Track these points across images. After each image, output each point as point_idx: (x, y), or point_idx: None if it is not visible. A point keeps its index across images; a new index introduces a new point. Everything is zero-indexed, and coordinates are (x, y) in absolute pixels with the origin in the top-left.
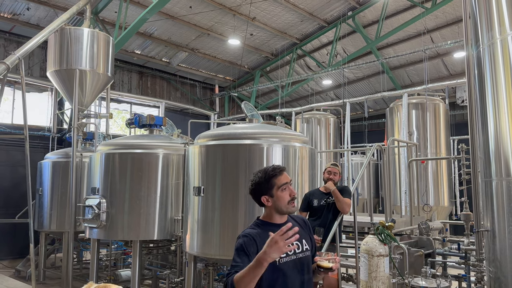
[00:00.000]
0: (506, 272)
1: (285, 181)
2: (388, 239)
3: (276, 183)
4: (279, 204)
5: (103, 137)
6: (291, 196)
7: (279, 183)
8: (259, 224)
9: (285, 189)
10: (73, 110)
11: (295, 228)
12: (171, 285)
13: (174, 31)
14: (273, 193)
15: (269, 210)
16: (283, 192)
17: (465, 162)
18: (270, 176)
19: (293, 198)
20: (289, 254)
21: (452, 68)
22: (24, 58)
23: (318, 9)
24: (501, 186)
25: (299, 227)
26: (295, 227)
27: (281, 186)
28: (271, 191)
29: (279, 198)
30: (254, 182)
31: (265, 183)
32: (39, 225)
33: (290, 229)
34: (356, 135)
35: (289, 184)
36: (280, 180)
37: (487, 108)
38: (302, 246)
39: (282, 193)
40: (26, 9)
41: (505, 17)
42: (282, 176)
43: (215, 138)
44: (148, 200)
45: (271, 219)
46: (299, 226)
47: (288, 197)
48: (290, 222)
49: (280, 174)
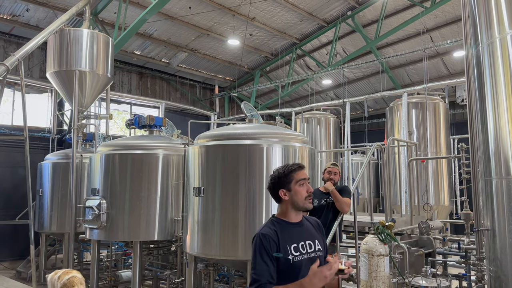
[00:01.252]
0: (507, 271)
1: (303, 177)
2: (388, 238)
3: (295, 178)
4: (296, 198)
5: (103, 138)
6: (308, 192)
7: (298, 177)
8: (274, 222)
9: (303, 185)
10: (73, 111)
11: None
12: (172, 285)
13: (173, 31)
14: (291, 187)
15: (285, 206)
16: (301, 187)
17: (465, 161)
18: (289, 170)
19: (310, 194)
20: (303, 253)
21: (452, 67)
22: (23, 59)
23: (318, 9)
24: (501, 185)
25: (313, 228)
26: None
27: (299, 181)
28: (289, 185)
29: (297, 192)
30: (274, 176)
31: (284, 177)
32: (40, 226)
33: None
34: (356, 135)
35: (307, 181)
36: (299, 175)
37: (487, 107)
38: (314, 246)
39: (300, 188)
40: (25, 10)
41: (504, 16)
42: (301, 172)
43: (215, 139)
44: (148, 200)
45: (287, 216)
46: (313, 227)
47: (305, 193)
48: (305, 222)
49: (299, 170)
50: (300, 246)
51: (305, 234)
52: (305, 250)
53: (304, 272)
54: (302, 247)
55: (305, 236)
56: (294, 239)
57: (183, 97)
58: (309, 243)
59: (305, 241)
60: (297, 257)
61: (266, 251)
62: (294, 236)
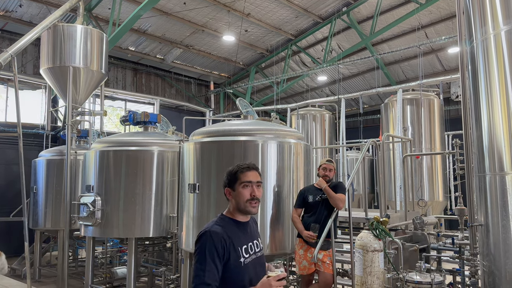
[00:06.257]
0: (500, 266)
1: (249, 179)
2: (383, 234)
3: (240, 178)
4: (238, 200)
5: (97, 134)
6: (251, 196)
7: (243, 179)
8: (224, 220)
9: (247, 187)
10: (67, 107)
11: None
12: (167, 282)
13: (168, 27)
14: (235, 187)
15: (232, 206)
16: (244, 189)
17: (459, 157)
18: (236, 170)
19: (254, 198)
20: (251, 254)
21: (447, 63)
22: (17, 55)
23: (313, 5)
24: (494, 181)
25: (255, 226)
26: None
27: (244, 182)
28: (234, 185)
29: (239, 194)
30: (226, 173)
31: (232, 176)
32: (34, 223)
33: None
34: (351, 131)
35: (256, 185)
36: (245, 177)
37: (481, 103)
38: (259, 245)
39: (243, 190)
40: (18, 6)
41: (498, 12)
42: (249, 173)
43: (210, 135)
44: (143, 197)
45: (234, 215)
46: (255, 225)
47: (247, 196)
48: (251, 222)
49: (247, 171)
50: (249, 247)
51: (252, 234)
52: (253, 251)
53: (252, 274)
54: (250, 248)
55: (252, 236)
56: (243, 240)
57: (178, 93)
58: (256, 242)
59: (253, 241)
60: (247, 259)
61: (217, 251)
62: (243, 237)
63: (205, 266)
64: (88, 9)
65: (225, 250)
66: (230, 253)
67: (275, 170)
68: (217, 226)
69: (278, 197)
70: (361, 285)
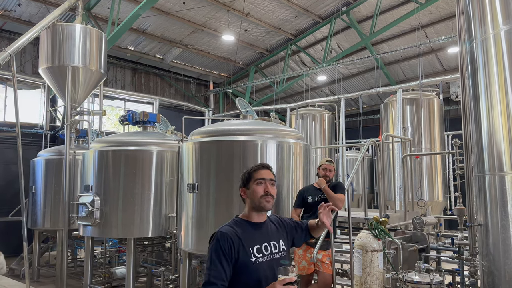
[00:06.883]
0: (499, 266)
1: (262, 176)
2: (382, 234)
3: (253, 176)
4: (253, 197)
5: (96, 134)
6: (265, 192)
7: (256, 176)
8: (237, 222)
9: (261, 184)
10: (65, 107)
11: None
12: (166, 282)
13: (167, 27)
14: (250, 185)
15: (247, 206)
16: (258, 186)
17: (459, 157)
18: (250, 170)
19: (268, 194)
20: (266, 254)
21: (446, 63)
22: (15, 54)
23: (313, 4)
24: (494, 181)
25: (275, 228)
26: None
27: (257, 179)
28: (248, 184)
29: (253, 191)
30: (241, 176)
31: (246, 175)
32: (33, 223)
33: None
34: (351, 131)
35: (269, 182)
36: (259, 174)
37: (480, 103)
38: (279, 246)
39: (257, 187)
40: (17, 5)
41: (498, 12)
42: (263, 171)
43: (209, 135)
44: (142, 197)
45: (249, 217)
46: (275, 227)
47: (261, 192)
48: (268, 223)
49: (261, 169)
50: (263, 248)
51: (269, 235)
52: (269, 251)
53: (266, 274)
54: (265, 248)
55: (269, 236)
56: (257, 240)
57: (177, 93)
58: (273, 243)
59: (269, 241)
60: (259, 259)
61: (223, 251)
62: (257, 237)
63: (211, 266)
64: (87, 8)
65: (233, 249)
66: (239, 252)
67: (275, 170)
68: (227, 227)
69: (277, 197)
70: (360, 285)
